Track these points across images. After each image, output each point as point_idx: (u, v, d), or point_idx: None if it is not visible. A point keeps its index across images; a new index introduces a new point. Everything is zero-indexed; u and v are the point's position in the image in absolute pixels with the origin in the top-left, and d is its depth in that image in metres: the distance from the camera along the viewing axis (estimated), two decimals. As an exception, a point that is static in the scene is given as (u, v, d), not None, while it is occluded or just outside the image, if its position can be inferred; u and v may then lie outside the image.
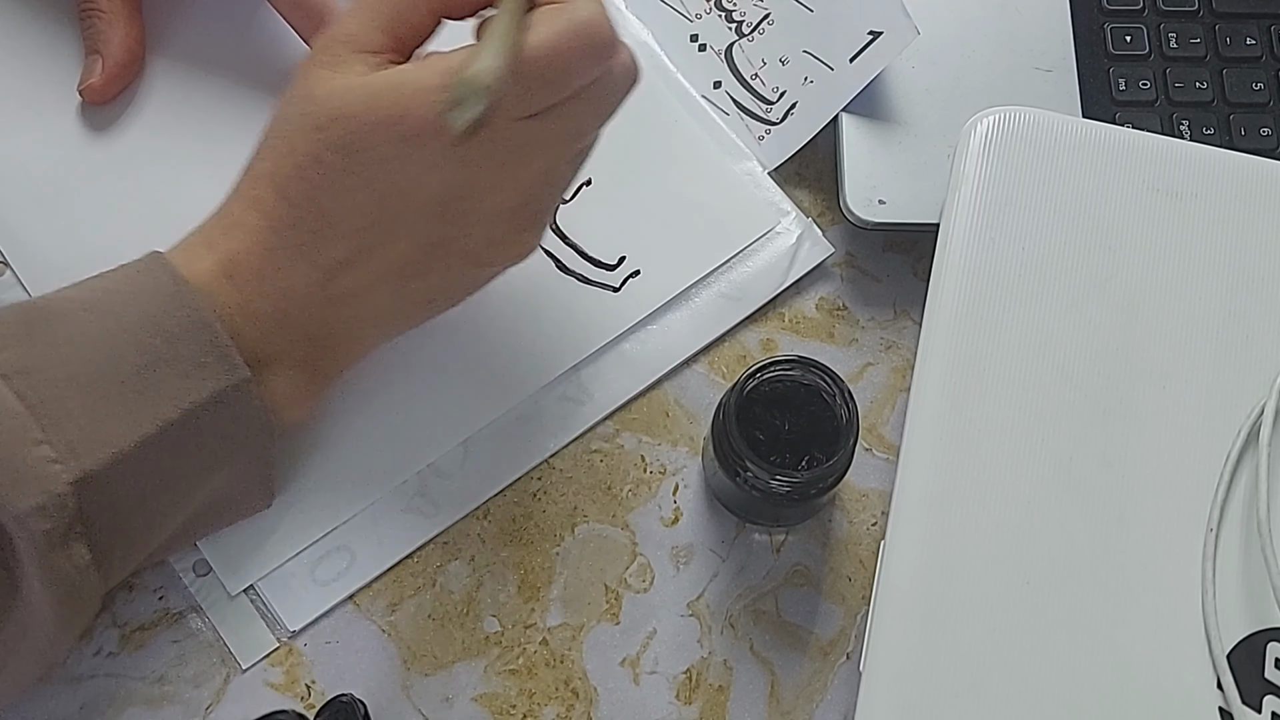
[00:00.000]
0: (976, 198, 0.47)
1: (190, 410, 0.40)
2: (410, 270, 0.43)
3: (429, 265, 0.43)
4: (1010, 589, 0.42)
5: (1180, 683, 0.41)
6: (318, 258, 0.41)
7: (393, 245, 0.42)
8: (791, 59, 0.55)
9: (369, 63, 0.41)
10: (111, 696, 0.45)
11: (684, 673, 0.48)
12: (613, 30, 0.41)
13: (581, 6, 0.40)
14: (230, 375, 0.41)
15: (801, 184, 0.55)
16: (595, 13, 0.40)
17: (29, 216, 0.50)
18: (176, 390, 0.40)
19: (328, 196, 0.40)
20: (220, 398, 0.41)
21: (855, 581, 0.49)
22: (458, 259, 0.43)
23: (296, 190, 0.41)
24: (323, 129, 0.40)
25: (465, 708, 0.47)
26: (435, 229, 0.42)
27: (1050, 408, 0.44)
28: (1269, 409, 0.44)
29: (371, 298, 0.43)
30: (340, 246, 0.41)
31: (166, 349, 0.40)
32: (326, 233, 0.41)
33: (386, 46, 0.41)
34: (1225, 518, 0.43)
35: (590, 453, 0.50)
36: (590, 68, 0.40)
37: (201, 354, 0.40)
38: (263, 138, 0.42)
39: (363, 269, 0.42)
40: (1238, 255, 0.47)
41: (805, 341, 0.53)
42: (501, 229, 0.43)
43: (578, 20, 0.40)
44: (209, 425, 0.41)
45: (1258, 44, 0.56)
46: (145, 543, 0.42)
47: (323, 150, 0.40)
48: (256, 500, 0.46)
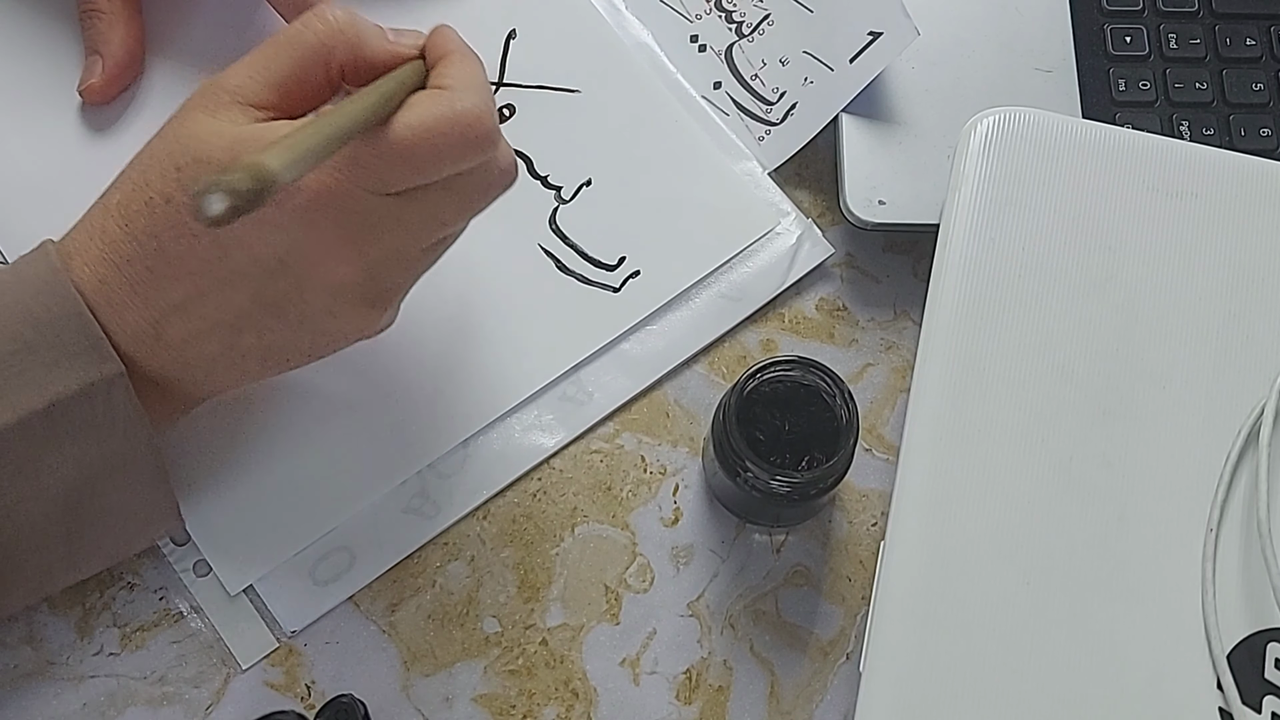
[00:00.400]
0: (976, 198, 0.47)
1: (56, 401, 0.39)
2: (244, 324, 0.41)
3: (264, 323, 0.41)
4: (1010, 589, 0.42)
5: (1180, 683, 0.41)
6: (152, 296, 0.40)
7: (229, 296, 0.40)
8: (791, 59, 0.55)
9: (249, 115, 0.40)
10: (112, 696, 0.45)
11: (684, 673, 0.48)
12: (493, 128, 0.40)
13: (465, 97, 0.39)
14: (101, 367, 0.40)
15: (801, 184, 0.55)
16: (478, 105, 0.39)
17: (29, 216, 0.50)
18: (43, 380, 0.39)
19: (170, 236, 0.39)
20: (90, 390, 0.39)
21: (855, 581, 0.49)
22: (294, 323, 0.42)
23: (141, 225, 0.40)
24: (180, 169, 0.39)
25: (465, 708, 0.47)
26: (273, 287, 0.40)
27: (1050, 408, 0.44)
28: (1269, 409, 0.44)
29: (202, 346, 0.41)
30: (175, 289, 0.40)
31: (35, 336, 0.39)
32: (162, 272, 0.40)
33: (272, 104, 0.40)
34: (1225, 518, 0.43)
35: (590, 453, 0.50)
36: (460, 159, 0.39)
37: (71, 343, 0.39)
38: (124, 170, 0.42)
39: (195, 316, 0.40)
40: (1238, 255, 0.47)
41: (805, 342, 0.53)
42: (342, 302, 0.41)
43: (457, 109, 0.39)
44: (79, 418, 0.40)
45: (1258, 44, 0.56)
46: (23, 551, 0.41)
47: (175, 190, 0.39)
48: (160, 514, 0.44)
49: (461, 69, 0.41)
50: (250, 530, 0.47)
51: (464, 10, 0.55)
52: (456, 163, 0.39)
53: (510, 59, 0.55)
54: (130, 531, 0.44)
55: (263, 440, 0.48)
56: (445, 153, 0.39)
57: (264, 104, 0.40)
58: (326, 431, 0.49)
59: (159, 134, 0.41)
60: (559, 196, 0.53)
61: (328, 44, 0.40)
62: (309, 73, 0.40)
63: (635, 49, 0.56)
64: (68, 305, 0.39)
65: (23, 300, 0.39)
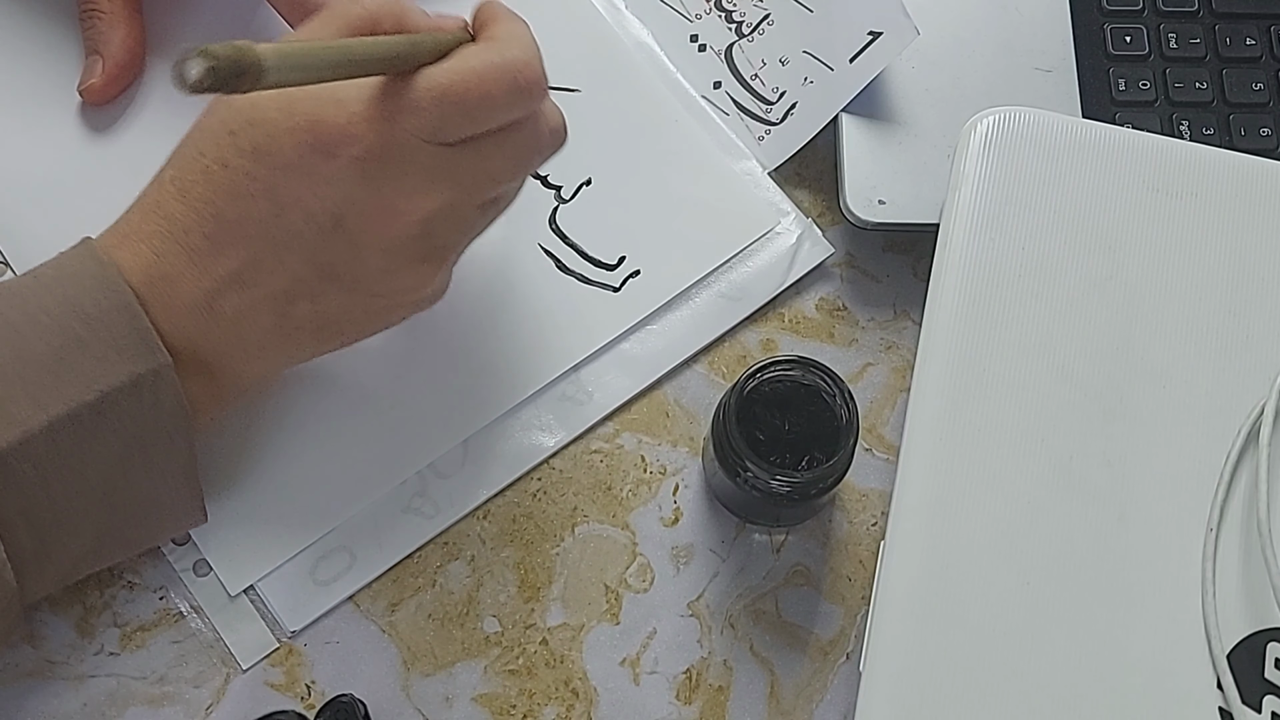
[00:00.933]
0: (976, 198, 0.47)
1: (106, 393, 0.39)
2: (299, 290, 0.41)
3: (319, 288, 0.42)
4: (1010, 589, 0.42)
5: (1180, 683, 0.41)
6: (209, 265, 0.41)
7: (284, 259, 0.41)
8: (791, 59, 0.55)
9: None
10: (112, 696, 0.45)
11: (684, 673, 0.48)
12: (542, 77, 0.41)
13: (513, 46, 0.40)
14: (150, 360, 0.40)
15: (801, 184, 0.55)
16: (527, 54, 0.40)
17: (29, 216, 0.50)
18: (93, 373, 0.39)
19: (227, 201, 0.40)
20: (138, 382, 0.40)
21: (855, 581, 0.49)
22: (349, 286, 0.42)
23: (198, 194, 0.40)
24: (235, 133, 0.40)
25: (465, 708, 0.47)
26: (329, 248, 0.41)
27: (1050, 408, 0.44)
28: (1269, 409, 0.44)
29: (256, 318, 0.42)
30: (232, 256, 0.41)
31: (85, 331, 0.39)
32: (220, 238, 0.40)
33: None
34: (1225, 518, 0.43)
35: (590, 453, 0.50)
36: (512, 107, 0.40)
37: (121, 337, 0.40)
38: (175, 149, 0.42)
39: (250, 285, 0.41)
40: (1238, 255, 0.47)
41: (805, 341, 0.53)
42: (398, 260, 0.42)
43: (506, 57, 0.40)
44: (126, 410, 0.40)
45: (1258, 44, 0.56)
46: (59, 540, 0.41)
47: (231, 154, 0.40)
48: (185, 507, 0.44)
49: (508, 26, 0.42)
50: (250, 530, 0.47)
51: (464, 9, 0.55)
52: (507, 110, 0.40)
53: (510, 59, 0.55)
54: (156, 524, 0.44)
55: (263, 440, 0.48)
56: (495, 98, 0.39)
57: None
58: (326, 431, 0.49)
59: (207, 110, 0.42)
60: (559, 196, 0.53)
61: (375, 15, 0.41)
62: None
63: (635, 48, 0.56)
64: (117, 299, 0.40)
65: (73, 296, 0.40)
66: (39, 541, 0.40)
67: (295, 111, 0.39)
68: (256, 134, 0.39)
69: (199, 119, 0.42)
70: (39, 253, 0.50)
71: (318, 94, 0.39)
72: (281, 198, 0.40)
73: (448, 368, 0.50)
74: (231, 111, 0.40)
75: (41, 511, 0.40)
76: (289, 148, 0.39)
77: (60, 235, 0.50)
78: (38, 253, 0.50)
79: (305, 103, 0.39)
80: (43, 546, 0.41)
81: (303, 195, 0.40)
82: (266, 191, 0.40)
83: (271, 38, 0.53)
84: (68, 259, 0.41)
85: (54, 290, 0.40)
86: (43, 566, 0.41)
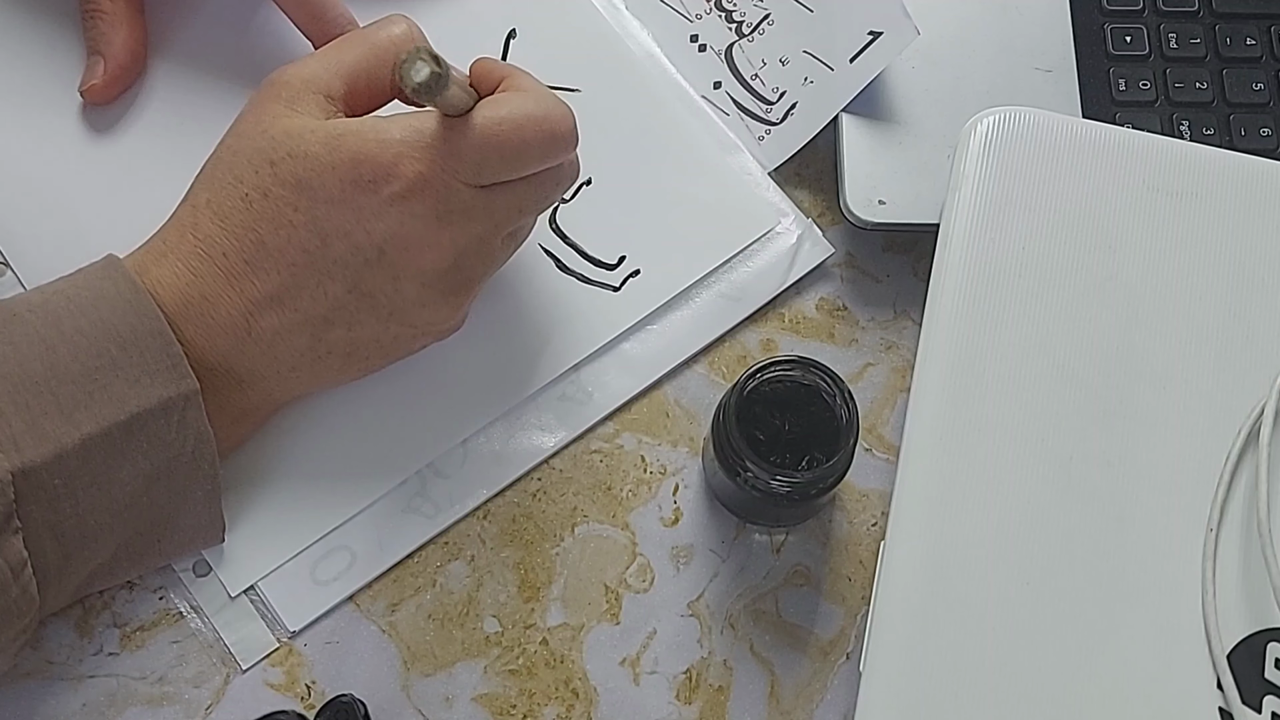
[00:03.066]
0: (976, 198, 0.47)
1: (136, 415, 0.40)
2: (336, 317, 0.43)
3: (355, 315, 0.43)
4: (1010, 589, 0.42)
5: (1180, 683, 0.41)
6: (246, 288, 0.42)
7: (326, 286, 0.42)
8: (791, 59, 0.55)
9: (324, 106, 0.42)
10: (112, 696, 0.45)
11: (684, 673, 0.48)
12: (574, 128, 0.43)
13: (548, 98, 0.43)
14: (179, 384, 0.41)
15: (801, 184, 0.55)
16: (559, 107, 0.43)
17: (29, 216, 0.50)
18: (125, 394, 0.40)
19: (269, 229, 0.41)
20: (168, 405, 0.41)
21: (855, 581, 0.49)
22: (385, 315, 0.44)
23: (239, 220, 0.42)
24: (276, 164, 0.41)
25: (465, 708, 0.47)
26: (369, 277, 0.42)
27: (1050, 408, 0.44)
28: (1269, 409, 0.44)
29: (291, 339, 0.43)
30: (272, 279, 0.42)
31: (119, 354, 0.40)
32: (261, 263, 0.42)
33: (340, 95, 0.43)
34: (1225, 518, 0.43)
35: (590, 453, 0.50)
36: (547, 157, 0.43)
37: (153, 361, 0.41)
38: (205, 170, 0.43)
39: (288, 308, 0.42)
40: (1238, 255, 0.47)
41: (805, 341, 0.53)
42: (431, 290, 0.43)
43: (544, 106, 0.42)
44: (155, 432, 0.41)
45: (1258, 44, 0.56)
46: (80, 555, 0.42)
47: (272, 184, 0.41)
48: (206, 529, 0.45)
49: (529, 81, 0.44)
50: (250, 530, 0.47)
51: (465, 9, 0.55)
52: (542, 159, 0.43)
53: (511, 58, 0.55)
54: (174, 543, 0.45)
55: (263, 441, 0.48)
56: (534, 148, 0.42)
57: (334, 93, 0.43)
58: (326, 431, 0.49)
59: (236, 132, 0.43)
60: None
61: (399, 44, 0.43)
62: (378, 69, 0.43)
63: (635, 48, 0.56)
64: (150, 323, 0.41)
65: (107, 318, 0.41)
66: (63, 556, 0.41)
67: (339, 148, 0.41)
68: (299, 167, 0.41)
69: (228, 143, 0.43)
70: (39, 253, 0.50)
71: (361, 131, 0.41)
72: (325, 229, 0.41)
73: (448, 368, 0.50)
74: (269, 142, 0.41)
75: (69, 527, 0.41)
76: (332, 182, 0.41)
77: (60, 235, 0.50)
78: (38, 253, 0.50)
79: (349, 139, 0.41)
80: (66, 560, 0.41)
81: (348, 227, 0.41)
82: (310, 223, 0.41)
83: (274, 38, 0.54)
84: (99, 279, 0.42)
85: (89, 312, 0.41)
86: (63, 580, 0.42)
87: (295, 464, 0.48)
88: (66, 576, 0.42)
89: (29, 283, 0.49)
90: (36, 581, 0.40)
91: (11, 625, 0.40)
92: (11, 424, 0.39)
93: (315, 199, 0.41)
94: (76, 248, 0.50)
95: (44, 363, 0.40)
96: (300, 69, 0.43)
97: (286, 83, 0.42)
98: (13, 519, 0.39)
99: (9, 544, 0.39)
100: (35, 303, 0.41)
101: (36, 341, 0.40)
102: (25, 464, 0.39)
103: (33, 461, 0.39)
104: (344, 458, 0.48)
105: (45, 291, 0.42)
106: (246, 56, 0.53)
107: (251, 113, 0.43)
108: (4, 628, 0.40)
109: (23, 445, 0.39)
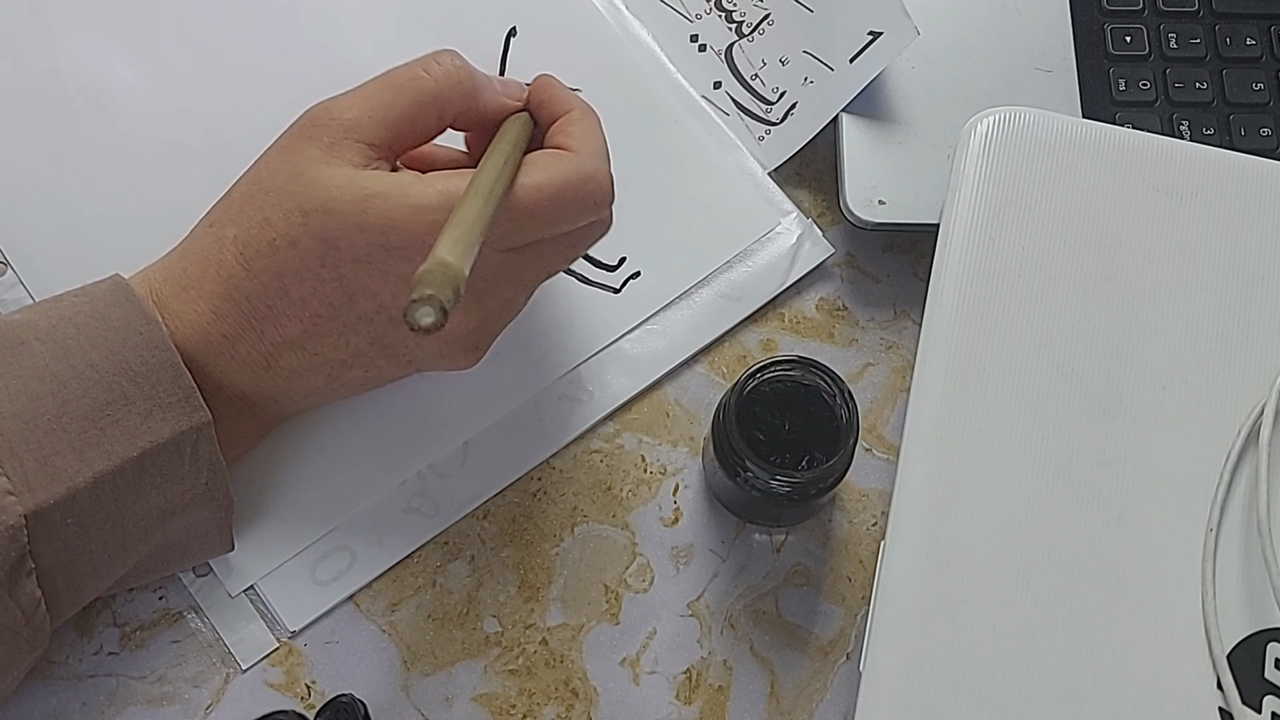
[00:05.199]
0: (976, 198, 0.47)
1: (149, 450, 0.40)
2: (355, 362, 0.43)
3: (374, 361, 0.43)
4: (1010, 589, 0.42)
5: (1180, 683, 0.41)
6: (269, 331, 0.42)
7: (348, 339, 0.42)
8: (791, 59, 0.55)
9: (364, 154, 0.41)
10: (111, 696, 0.45)
11: (684, 673, 0.48)
12: (610, 189, 0.42)
13: (588, 160, 0.41)
14: (191, 417, 0.41)
15: (801, 184, 0.55)
16: (599, 168, 0.42)
17: (29, 216, 0.50)
18: (137, 429, 0.40)
19: (295, 279, 0.41)
20: (180, 440, 0.41)
21: (855, 581, 0.49)
22: (404, 362, 0.44)
23: (264, 265, 0.41)
24: (307, 214, 0.40)
25: (465, 708, 0.47)
26: (392, 333, 0.42)
27: (1050, 407, 0.44)
28: (1269, 409, 0.44)
29: (310, 378, 0.43)
30: (294, 327, 0.41)
31: (131, 387, 0.40)
32: (284, 311, 0.41)
33: (383, 143, 0.41)
34: (1225, 518, 0.43)
35: (590, 453, 0.50)
36: (578, 218, 0.42)
37: (165, 395, 0.40)
38: (233, 200, 0.42)
39: (309, 352, 0.42)
40: (1238, 255, 0.47)
41: (805, 341, 0.53)
42: (454, 347, 0.43)
43: (583, 172, 0.41)
44: (167, 466, 0.41)
45: (1258, 44, 0.56)
46: (92, 586, 0.42)
47: (301, 234, 0.40)
48: (215, 544, 0.46)
49: (583, 128, 0.43)
50: (250, 530, 0.47)
51: (465, 8, 0.55)
52: (574, 221, 0.42)
53: (511, 57, 0.55)
54: (183, 562, 0.46)
55: (264, 442, 0.48)
56: (567, 212, 0.41)
57: (377, 141, 0.41)
58: (326, 431, 0.49)
59: (270, 167, 0.41)
60: (559, 196, 0.53)
61: (446, 93, 0.42)
62: (423, 117, 0.42)
63: (635, 48, 0.56)
64: (162, 357, 0.40)
65: (119, 351, 0.40)
66: (74, 589, 0.41)
67: (370, 210, 0.39)
68: (329, 223, 0.39)
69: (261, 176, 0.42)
70: (39, 253, 0.50)
71: (390, 194, 0.39)
72: (352, 287, 0.40)
73: (448, 368, 0.50)
74: (303, 188, 0.40)
75: (81, 564, 0.40)
76: (360, 244, 0.40)
77: (60, 235, 0.50)
78: (38, 253, 0.50)
79: (380, 202, 0.39)
80: (77, 593, 0.41)
81: (375, 288, 0.40)
82: (337, 279, 0.40)
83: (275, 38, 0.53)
84: (108, 307, 0.41)
85: (99, 345, 0.40)
86: (74, 606, 0.42)
87: (296, 465, 0.48)
88: (76, 605, 0.42)
89: (29, 282, 0.49)
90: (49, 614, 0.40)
91: (23, 660, 0.40)
92: (24, 463, 0.38)
93: (342, 257, 0.40)
94: (76, 247, 0.50)
95: (55, 399, 0.39)
96: (344, 112, 0.41)
97: (327, 125, 0.41)
98: (26, 560, 0.38)
99: (23, 586, 0.38)
100: (43, 329, 0.40)
101: (47, 376, 0.39)
102: (38, 505, 0.38)
103: (45, 503, 0.38)
104: (345, 458, 0.48)
105: (51, 315, 0.41)
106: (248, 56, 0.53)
107: (288, 149, 0.41)
108: (15, 663, 0.40)
109: (35, 486, 0.38)
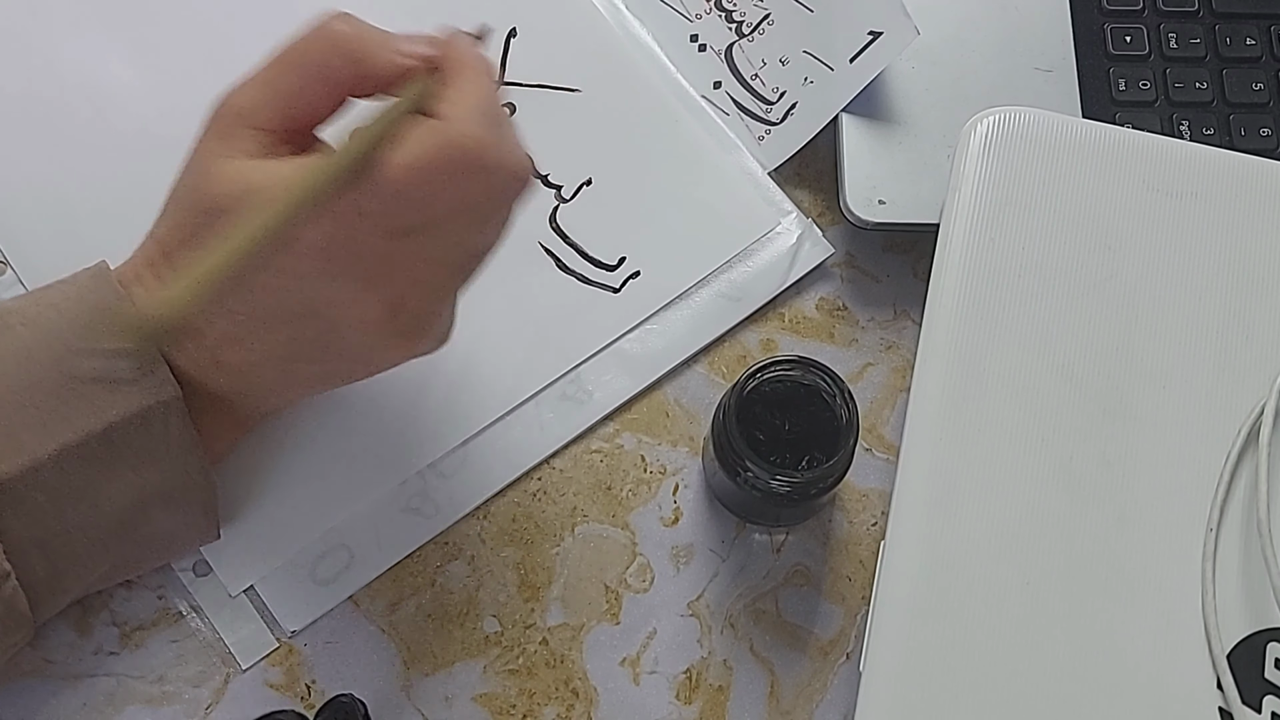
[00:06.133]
0: (976, 198, 0.47)
1: (115, 423, 0.40)
2: (297, 354, 0.41)
3: (313, 355, 0.42)
4: (1010, 589, 0.42)
5: (1180, 683, 0.41)
6: (204, 328, 0.41)
7: (271, 334, 0.41)
8: (791, 59, 0.55)
9: (258, 141, 0.39)
10: (111, 695, 0.45)
11: (684, 673, 0.48)
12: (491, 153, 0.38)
13: (457, 125, 0.37)
14: (159, 393, 0.40)
15: (801, 184, 0.55)
16: (471, 133, 0.37)
17: (29, 216, 0.50)
18: (104, 404, 0.40)
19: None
20: (148, 414, 0.40)
21: (855, 581, 0.49)
22: (338, 355, 0.42)
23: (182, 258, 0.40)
24: (206, 212, 0.39)
25: (465, 708, 0.47)
26: (308, 329, 0.40)
27: (1050, 407, 0.44)
28: (1269, 409, 0.44)
29: (261, 373, 0.42)
30: (223, 323, 0.40)
31: (102, 365, 0.40)
32: (210, 309, 0.40)
33: (278, 126, 0.39)
34: (1225, 518, 0.43)
35: (590, 453, 0.50)
36: (460, 189, 0.38)
37: (133, 371, 0.40)
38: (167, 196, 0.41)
39: (246, 348, 0.41)
40: (1238, 255, 0.47)
41: (805, 341, 0.53)
42: (377, 339, 0.41)
43: (450, 138, 0.37)
44: (136, 442, 0.40)
45: (1258, 44, 0.56)
46: (74, 571, 0.41)
47: (206, 234, 0.38)
48: (201, 532, 0.45)
49: (462, 91, 0.38)
50: (250, 530, 0.47)
51: (465, 8, 0.55)
52: (458, 194, 0.38)
53: (511, 57, 0.55)
54: (170, 551, 0.45)
55: (262, 440, 0.48)
56: (442, 187, 0.37)
57: (271, 127, 0.39)
58: (326, 431, 0.49)
59: (186, 162, 0.41)
60: (559, 195, 0.53)
61: (330, 61, 0.39)
62: (309, 90, 0.39)
63: (635, 48, 0.56)
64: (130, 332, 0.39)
65: (93, 329, 0.40)
66: (53, 570, 0.41)
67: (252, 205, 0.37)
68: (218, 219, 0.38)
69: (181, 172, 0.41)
70: (39, 253, 0.50)
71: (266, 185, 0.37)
72: (254, 286, 0.39)
73: (448, 368, 0.50)
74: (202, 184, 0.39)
75: (56, 541, 0.40)
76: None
77: (60, 235, 0.50)
78: (38, 253, 0.50)
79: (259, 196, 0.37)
80: (56, 575, 0.41)
81: (272, 287, 0.39)
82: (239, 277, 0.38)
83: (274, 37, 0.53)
84: (84, 288, 0.41)
85: (76, 325, 0.40)
86: (55, 593, 0.42)
87: (295, 464, 0.48)
88: (59, 592, 0.42)
89: (29, 282, 0.49)
90: (28, 598, 0.40)
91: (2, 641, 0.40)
92: None
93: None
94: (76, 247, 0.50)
95: (24, 372, 0.39)
96: (237, 98, 0.39)
97: (222, 114, 0.39)
98: None
99: None
100: (29, 315, 0.40)
101: (23, 357, 0.39)
102: (1, 476, 0.38)
103: (7, 473, 0.38)
104: (344, 458, 0.48)
105: (40, 302, 0.41)
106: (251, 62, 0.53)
107: (198, 142, 0.40)
108: None
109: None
